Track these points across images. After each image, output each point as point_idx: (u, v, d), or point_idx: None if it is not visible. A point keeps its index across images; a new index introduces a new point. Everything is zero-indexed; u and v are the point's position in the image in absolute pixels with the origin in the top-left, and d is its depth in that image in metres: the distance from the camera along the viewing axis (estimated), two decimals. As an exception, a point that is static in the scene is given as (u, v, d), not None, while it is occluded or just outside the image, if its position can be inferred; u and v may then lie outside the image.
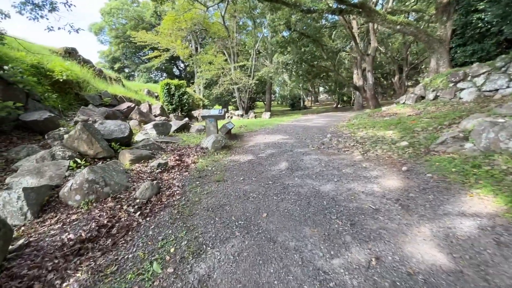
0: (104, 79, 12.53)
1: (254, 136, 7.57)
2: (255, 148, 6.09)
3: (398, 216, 2.78)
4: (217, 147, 5.79)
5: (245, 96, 22.22)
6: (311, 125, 9.39)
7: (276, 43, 23.80)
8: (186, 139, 6.97)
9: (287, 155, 5.32)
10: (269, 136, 7.43)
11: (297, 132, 7.86)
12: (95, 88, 9.55)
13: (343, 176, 3.99)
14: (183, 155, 5.34)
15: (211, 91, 24.20)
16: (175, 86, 12.97)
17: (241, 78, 20.12)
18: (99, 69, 12.63)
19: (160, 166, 4.49)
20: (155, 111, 10.81)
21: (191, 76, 30.59)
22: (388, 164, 4.46)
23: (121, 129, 5.48)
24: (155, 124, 7.24)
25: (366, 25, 22.97)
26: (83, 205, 3.11)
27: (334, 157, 5.04)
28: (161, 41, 19.13)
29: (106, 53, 29.56)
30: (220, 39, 21.55)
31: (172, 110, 13.04)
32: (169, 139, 6.70)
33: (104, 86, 10.45)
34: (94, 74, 11.10)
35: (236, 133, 8.08)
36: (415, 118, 7.59)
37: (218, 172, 4.43)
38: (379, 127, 7.19)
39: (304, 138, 6.96)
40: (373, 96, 21.47)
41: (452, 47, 12.81)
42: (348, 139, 6.34)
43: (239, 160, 5.09)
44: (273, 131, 8.36)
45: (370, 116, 10.99)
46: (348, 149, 5.53)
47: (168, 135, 7.43)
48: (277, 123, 11.01)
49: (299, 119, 13.34)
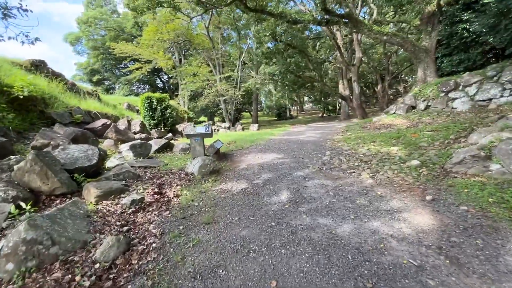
0: (78, 94, 11.42)
1: (246, 155, 6.78)
2: (249, 171, 5.30)
3: (452, 277, 2.07)
4: (205, 173, 4.95)
5: (232, 108, 21.52)
6: (305, 140, 8.75)
7: (262, 54, 23.47)
8: (168, 162, 6.08)
9: (287, 180, 4.57)
10: (262, 155, 6.68)
11: (292, 149, 7.16)
12: (64, 104, 8.49)
13: (360, 210, 3.28)
14: (164, 185, 4.46)
15: (196, 103, 23.34)
16: (157, 100, 12.04)
17: (227, 90, 19.45)
18: (71, 83, 11.52)
19: (134, 204, 3.59)
20: (134, 127, 9.82)
21: (175, 88, 29.63)
22: (406, 190, 3.81)
23: (87, 156, 4.54)
24: (132, 145, 6.31)
25: (350, 36, 23.17)
26: (17, 279, 2.18)
27: (341, 182, 4.34)
28: (143, 52, 18.19)
29: (84, 65, 27.97)
30: (205, 50, 20.92)
31: (154, 126, 12.05)
32: (148, 163, 5.78)
33: (76, 102, 9.38)
34: (64, 88, 10.01)
35: (226, 151, 7.27)
36: (415, 131, 7.13)
37: (207, 208, 3.59)
38: (380, 142, 6.63)
39: (301, 156, 6.26)
40: (359, 106, 21.40)
41: (438, 57, 12.79)
42: (351, 158, 5.70)
43: (231, 189, 4.27)
44: (265, 148, 7.62)
45: (363, 128, 10.54)
46: (354, 170, 4.86)
47: (147, 157, 6.50)
48: (267, 137, 10.31)
49: (289, 132, 12.73)
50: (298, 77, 22.70)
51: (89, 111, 9.54)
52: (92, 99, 11.21)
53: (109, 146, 7.48)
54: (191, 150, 6.45)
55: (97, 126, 8.68)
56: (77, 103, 9.39)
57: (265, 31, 19.48)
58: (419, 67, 12.94)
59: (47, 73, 9.88)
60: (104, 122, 8.94)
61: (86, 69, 27.95)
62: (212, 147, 6.15)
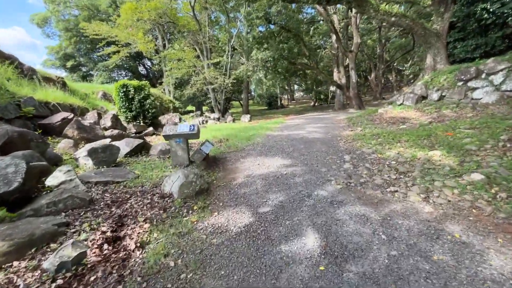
0: (38, 81, 9.43)
1: (243, 160, 5.29)
2: (250, 189, 3.83)
3: None
4: (188, 194, 3.45)
5: (221, 97, 19.73)
6: (310, 137, 7.33)
7: (253, 38, 21.54)
8: (141, 172, 4.51)
9: (308, 207, 3.14)
10: (264, 160, 5.20)
11: (300, 151, 5.73)
12: (10, 94, 6.62)
13: (451, 279, 1.92)
14: (126, 219, 2.94)
15: (183, 91, 21.37)
16: (135, 88, 10.21)
17: (216, 77, 17.60)
18: (29, 68, 9.48)
19: (65, 269, 2.08)
20: (105, 122, 8.06)
21: (160, 76, 27.29)
22: (494, 228, 2.48)
23: (6, 177, 2.92)
24: (91, 150, 4.67)
25: (346, 20, 21.56)
26: None
27: (386, 210, 2.97)
28: (119, 34, 15.88)
29: (56, 49, 24.93)
30: (191, 33, 18.78)
31: (132, 119, 10.27)
32: (111, 176, 4.20)
33: (29, 91, 7.49)
34: (16, 74, 8.04)
35: (216, 154, 5.74)
36: (446, 129, 5.84)
37: (190, 275, 2.13)
38: (408, 142, 5.30)
39: (314, 162, 4.84)
40: (356, 95, 20.16)
41: (450, 42, 11.53)
42: (381, 166, 4.33)
43: (227, 227, 2.79)
44: (266, 148, 6.14)
45: (372, 121, 9.22)
46: (395, 188, 3.50)
47: (113, 165, 4.90)
48: (264, 132, 8.81)
49: (287, 125, 11.26)
50: (292, 64, 21.06)
51: (47, 103, 7.69)
52: (55, 87, 9.25)
53: (67, 148, 5.80)
54: (172, 156, 4.90)
55: (55, 122, 6.90)
56: (31, 92, 7.50)
57: (257, 12, 17.54)
58: (429, 52, 11.64)
59: (-10, 55, 7.86)
60: (65, 116, 7.15)
61: (58, 54, 24.93)
62: (199, 153, 4.60)
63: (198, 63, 17.25)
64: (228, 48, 20.50)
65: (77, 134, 6.65)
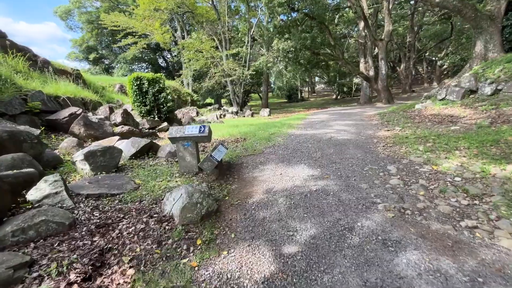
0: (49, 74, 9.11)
1: (262, 168, 4.45)
2: (271, 214, 2.98)
3: None
4: (192, 219, 2.69)
5: (240, 90, 18.89)
6: (340, 138, 6.31)
7: (274, 28, 20.34)
8: (142, 182, 3.82)
9: (352, 251, 2.24)
10: (286, 169, 4.32)
11: (329, 157, 4.77)
12: (16, 87, 6.22)
13: None
14: (108, 254, 2.22)
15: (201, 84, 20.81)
16: (149, 81, 9.62)
17: (234, 69, 16.75)
18: (43, 60, 9.19)
19: None
20: (115, 117, 7.52)
21: (179, 68, 26.91)
22: None
23: (-37, 195, 2.30)
24: (88, 154, 4.05)
25: (377, 5, 19.63)
26: None
27: (470, 263, 2.00)
28: (136, 24, 15.43)
29: (79, 42, 25.26)
30: (209, 23, 17.96)
31: (146, 113, 9.74)
32: (108, 185, 3.54)
33: (37, 85, 7.10)
34: (27, 67, 7.70)
35: (231, 159, 4.94)
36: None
37: None
38: (470, 150, 4.16)
39: (350, 174, 3.88)
40: (385, 88, 18.47)
41: (506, 26, 9.79)
42: (441, 184, 3.29)
43: (238, 283, 1.98)
44: (288, 152, 5.23)
45: (411, 119, 7.97)
46: (472, 221, 2.50)
47: (114, 170, 4.26)
48: (286, 130, 7.89)
49: (310, 121, 10.22)
50: (316, 54, 19.66)
51: (57, 97, 7.28)
52: (67, 80, 8.88)
53: (70, 148, 5.26)
54: (179, 161, 4.16)
55: (62, 118, 6.44)
56: (40, 86, 7.10)
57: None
58: (479, 39, 9.97)
59: (2, 46, 7.55)
60: (73, 111, 6.68)
61: (81, 46, 25.25)
62: (209, 161, 3.81)
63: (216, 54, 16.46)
64: (247, 39, 19.49)
65: (84, 131, 6.14)
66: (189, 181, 3.78)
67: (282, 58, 16.90)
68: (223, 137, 7.31)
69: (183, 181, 3.80)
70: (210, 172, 3.73)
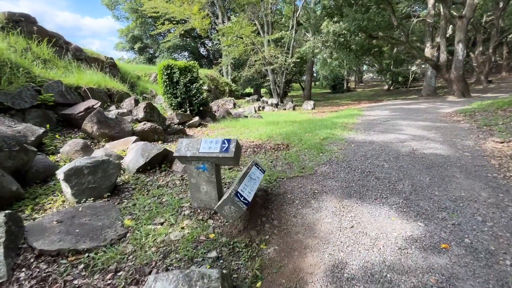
0: (82, 62, 8.52)
1: (317, 209, 2.80)
2: None
3: None
4: None
5: (281, 80, 17.03)
6: (425, 151, 4.30)
7: (323, 8, 17.76)
8: (134, 221, 2.51)
9: None
10: (361, 217, 2.59)
11: (430, 194, 2.90)
12: (31, 76, 5.46)
13: None
14: None
15: (240, 72, 19.46)
16: (180, 70, 8.47)
17: (276, 57, 14.94)
18: (75, 47, 8.61)
19: None
20: (137, 112, 6.48)
21: (220, 56, 25.90)
22: None
23: None
24: (71, 172, 2.85)
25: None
26: None
27: None
28: (174, 9, 14.49)
29: (125, 32, 25.74)
30: (251, 6, 16.26)
31: (177, 106, 8.67)
32: (81, 231, 2.29)
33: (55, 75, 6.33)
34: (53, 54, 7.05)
35: (269, 186, 3.35)
36: None
37: None
38: None
39: (487, 244, 2.05)
40: (461, 78, 14.89)
41: None
42: None
43: None
44: (356, 179, 3.42)
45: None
46: None
47: (107, 194, 3.04)
48: (340, 133, 6.02)
49: (368, 119, 8.08)
50: (372, 38, 16.69)
51: (78, 87, 6.48)
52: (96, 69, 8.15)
53: (72, 153, 4.24)
54: (191, 190, 2.75)
55: (78, 112, 5.55)
56: (59, 75, 6.34)
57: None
58: None
59: (29, 32, 6.97)
60: (90, 105, 5.76)
61: (127, 36, 25.73)
62: (232, 203, 2.24)
63: (257, 39, 14.80)
64: (292, 23, 17.33)
65: (97, 130, 5.14)
66: (202, 228, 2.35)
67: (332, 42, 14.48)
68: (260, 139, 5.78)
69: (193, 227, 2.38)
70: (231, 221, 2.24)
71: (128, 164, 3.91)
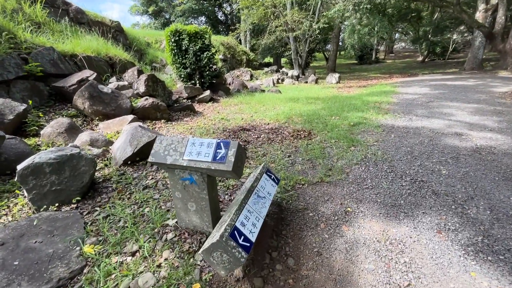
0: (85, 26, 7.66)
1: (352, 244, 1.99)
2: None
3: None
4: None
5: (304, 49, 15.30)
6: (495, 150, 3.23)
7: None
8: (99, 248, 1.84)
9: None
10: (424, 272, 1.77)
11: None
12: (16, 42, 4.73)
13: None
14: None
15: (258, 40, 17.80)
16: (190, 36, 7.39)
17: (300, 22, 13.17)
18: (75, 9, 7.69)
19: None
20: (137, 86, 5.67)
21: (238, 22, 23.85)
22: None
23: None
24: (28, 169, 2.16)
25: None
26: None
27: None
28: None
29: (140, -8, 24.10)
30: (273, -39, 14.05)
31: (186, 77, 7.77)
32: (25, 258, 1.68)
33: (46, 40, 5.55)
34: (46, 15, 6.21)
35: (284, 198, 2.52)
36: None
37: None
38: None
39: None
40: (519, 49, 12.46)
41: None
42: None
43: None
44: (406, 192, 2.49)
45: None
46: None
47: (77, 198, 2.38)
48: (375, 117, 4.92)
49: (405, 98, 6.76)
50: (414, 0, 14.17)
51: (73, 55, 5.71)
52: (96, 34, 7.27)
53: (54, 136, 3.60)
54: (176, 208, 1.98)
55: (70, 85, 4.84)
56: (50, 42, 5.56)
57: None
58: None
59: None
60: (84, 76, 5.02)
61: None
62: (226, 252, 1.46)
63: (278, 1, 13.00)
64: (320, -20, 14.99)
65: (89, 106, 4.45)
66: (185, 271, 1.62)
67: (366, 3, 12.32)
68: (276, 121, 4.85)
69: (173, 267, 1.65)
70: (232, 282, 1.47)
71: (116, 152, 3.22)
